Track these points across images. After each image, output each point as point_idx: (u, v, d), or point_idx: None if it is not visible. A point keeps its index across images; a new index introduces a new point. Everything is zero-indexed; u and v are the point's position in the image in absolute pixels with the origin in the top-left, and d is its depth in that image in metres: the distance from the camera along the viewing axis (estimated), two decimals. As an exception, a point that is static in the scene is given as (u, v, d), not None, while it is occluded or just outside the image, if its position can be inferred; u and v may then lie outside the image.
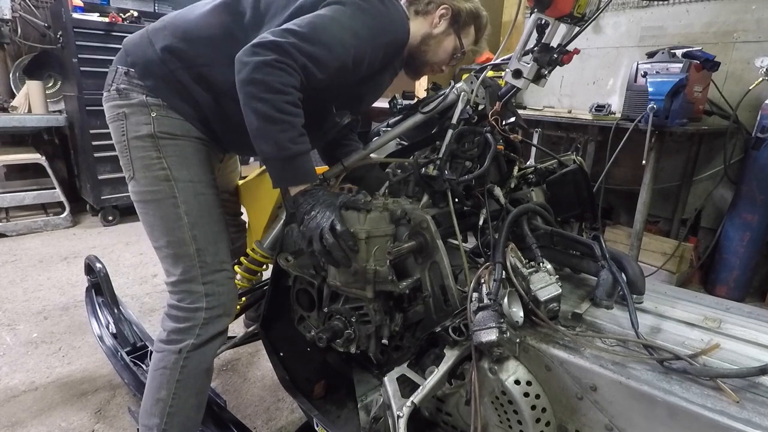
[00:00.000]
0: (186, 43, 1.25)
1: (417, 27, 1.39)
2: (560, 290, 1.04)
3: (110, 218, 4.05)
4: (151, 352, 1.87)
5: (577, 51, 1.17)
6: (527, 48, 1.18)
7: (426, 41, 1.39)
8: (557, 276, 1.06)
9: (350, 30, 1.16)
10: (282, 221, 1.43)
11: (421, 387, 0.99)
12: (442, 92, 1.36)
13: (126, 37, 1.34)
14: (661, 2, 3.13)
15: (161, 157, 1.25)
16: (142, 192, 1.28)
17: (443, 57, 1.43)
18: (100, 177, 3.90)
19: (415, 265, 1.17)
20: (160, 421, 1.29)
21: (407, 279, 1.15)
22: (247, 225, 1.78)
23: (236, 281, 1.43)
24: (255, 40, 1.08)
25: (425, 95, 1.44)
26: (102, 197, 3.96)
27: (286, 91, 1.07)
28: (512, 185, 1.34)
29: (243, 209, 1.79)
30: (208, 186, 1.32)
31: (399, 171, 1.38)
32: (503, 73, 1.23)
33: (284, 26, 1.11)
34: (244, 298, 1.65)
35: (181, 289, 1.27)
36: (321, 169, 1.62)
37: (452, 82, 1.36)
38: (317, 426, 1.33)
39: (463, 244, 1.18)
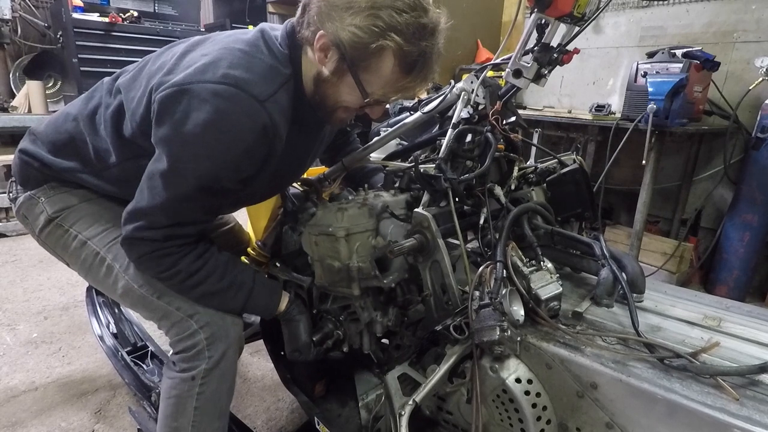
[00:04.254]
0: (35, 143, 1.25)
1: (307, 64, 1.05)
2: (561, 289, 1.04)
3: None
4: (151, 353, 1.88)
5: (577, 51, 1.17)
6: (527, 48, 1.18)
7: (318, 85, 1.05)
8: (558, 275, 1.07)
9: (192, 171, 0.97)
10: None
11: (422, 385, 0.99)
12: (443, 92, 1.36)
13: (126, 37, 1.34)
14: (661, 2, 3.14)
15: (68, 230, 1.22)
16: (80, 270, 1.25)
17: (350, 105, 1.08)
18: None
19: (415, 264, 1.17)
20: None
21: (392, 273, 1.14)
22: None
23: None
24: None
25: (425, 95, 1.44)
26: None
27: (171, 274, 1.06)
28: (512, 186, 1.34)
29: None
30: None
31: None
32: (503, 73, 1.23)
33: (130, 207, 1.04)
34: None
35: (168, 326, 1.17)
36: (321, 168, 1.62)
37: (452, 82, 1.36)
38: (318, 424, 1.33)
39: (464, 243, 1.18)
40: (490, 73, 1.31)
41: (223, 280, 1.11)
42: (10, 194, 1.31)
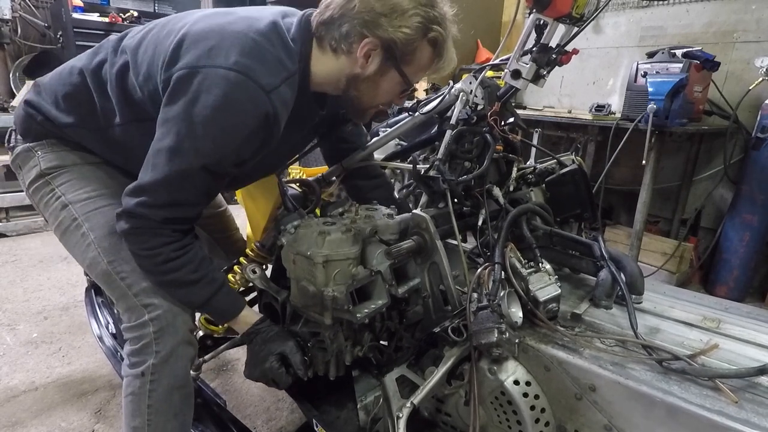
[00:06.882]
0: (39, 95, 1.24)
1: (333, 66, 1.13)
2: (559, 290, 1.04)
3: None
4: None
5: (576, 51, 1.17)
6: (526, 48, 1.18)
7: (355, 85, 1.14)
8: (556, 276, 1.07)
9: (196, 151, 1.01)
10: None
11: (420, 387, 0.99)
12: (441, 93, 1.36)
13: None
14: (661, 2, 3.13)
15: (53, 189, 1.22)
16: (55, 231, 1.25)
17: (387, 98, 1.19)
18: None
19: (415, 266, 1.16)
20: None
21: (369, 306, 1.06)
22: (246, 244, 1.75)
23: (236, 281, 1.42)
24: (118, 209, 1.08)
25: (425, 96, 1.43)
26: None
27: (152, 254, 1.06)
28: (511, 187, 1.34)
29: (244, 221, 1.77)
30: (112, 197, 1.21)
31: (399, 171, 1.38)
32: (502, 74, 1.23)
33: (134, 184, 1.05)
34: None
35: (122, 310, 1.17)
36: (320, 169, 1.62)
37: (451, 83, 1.36)
38: (317, 426, 1.33)
39: (463, 244, 1.18)
40: (489, 74, 1.31)
41: (196, 273, 1.12)
42: (8, 143, 1.29)
